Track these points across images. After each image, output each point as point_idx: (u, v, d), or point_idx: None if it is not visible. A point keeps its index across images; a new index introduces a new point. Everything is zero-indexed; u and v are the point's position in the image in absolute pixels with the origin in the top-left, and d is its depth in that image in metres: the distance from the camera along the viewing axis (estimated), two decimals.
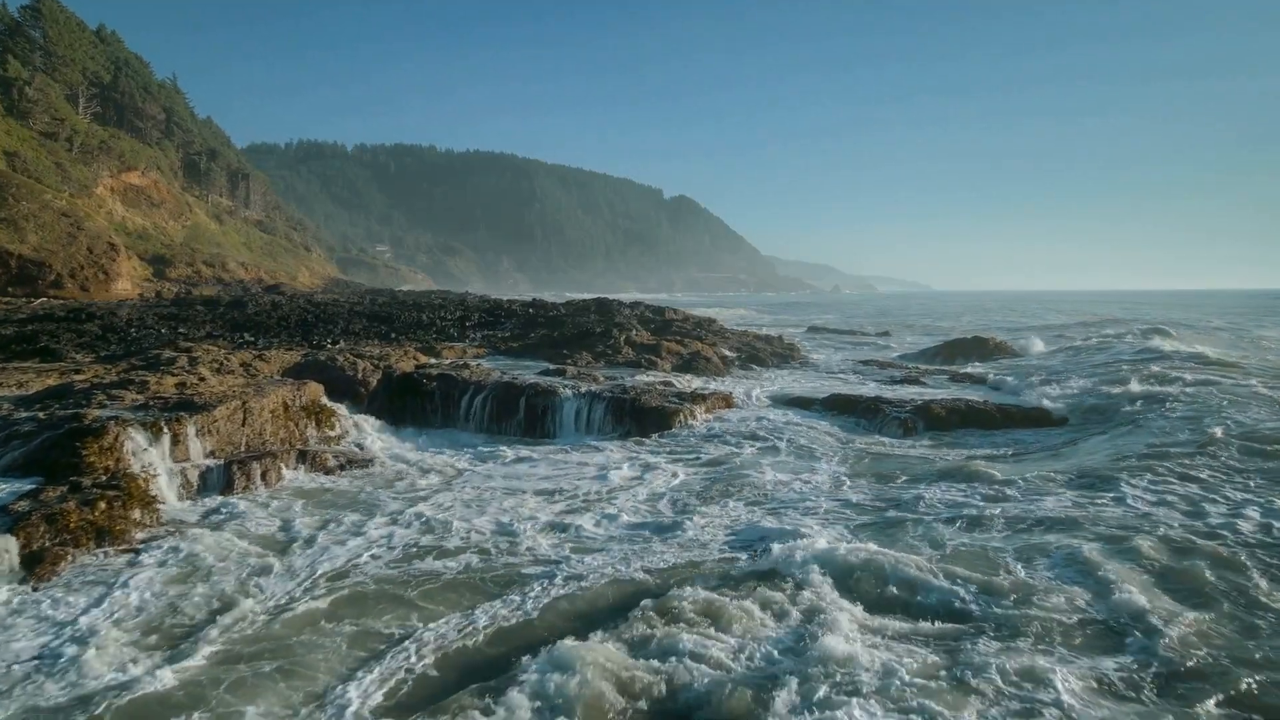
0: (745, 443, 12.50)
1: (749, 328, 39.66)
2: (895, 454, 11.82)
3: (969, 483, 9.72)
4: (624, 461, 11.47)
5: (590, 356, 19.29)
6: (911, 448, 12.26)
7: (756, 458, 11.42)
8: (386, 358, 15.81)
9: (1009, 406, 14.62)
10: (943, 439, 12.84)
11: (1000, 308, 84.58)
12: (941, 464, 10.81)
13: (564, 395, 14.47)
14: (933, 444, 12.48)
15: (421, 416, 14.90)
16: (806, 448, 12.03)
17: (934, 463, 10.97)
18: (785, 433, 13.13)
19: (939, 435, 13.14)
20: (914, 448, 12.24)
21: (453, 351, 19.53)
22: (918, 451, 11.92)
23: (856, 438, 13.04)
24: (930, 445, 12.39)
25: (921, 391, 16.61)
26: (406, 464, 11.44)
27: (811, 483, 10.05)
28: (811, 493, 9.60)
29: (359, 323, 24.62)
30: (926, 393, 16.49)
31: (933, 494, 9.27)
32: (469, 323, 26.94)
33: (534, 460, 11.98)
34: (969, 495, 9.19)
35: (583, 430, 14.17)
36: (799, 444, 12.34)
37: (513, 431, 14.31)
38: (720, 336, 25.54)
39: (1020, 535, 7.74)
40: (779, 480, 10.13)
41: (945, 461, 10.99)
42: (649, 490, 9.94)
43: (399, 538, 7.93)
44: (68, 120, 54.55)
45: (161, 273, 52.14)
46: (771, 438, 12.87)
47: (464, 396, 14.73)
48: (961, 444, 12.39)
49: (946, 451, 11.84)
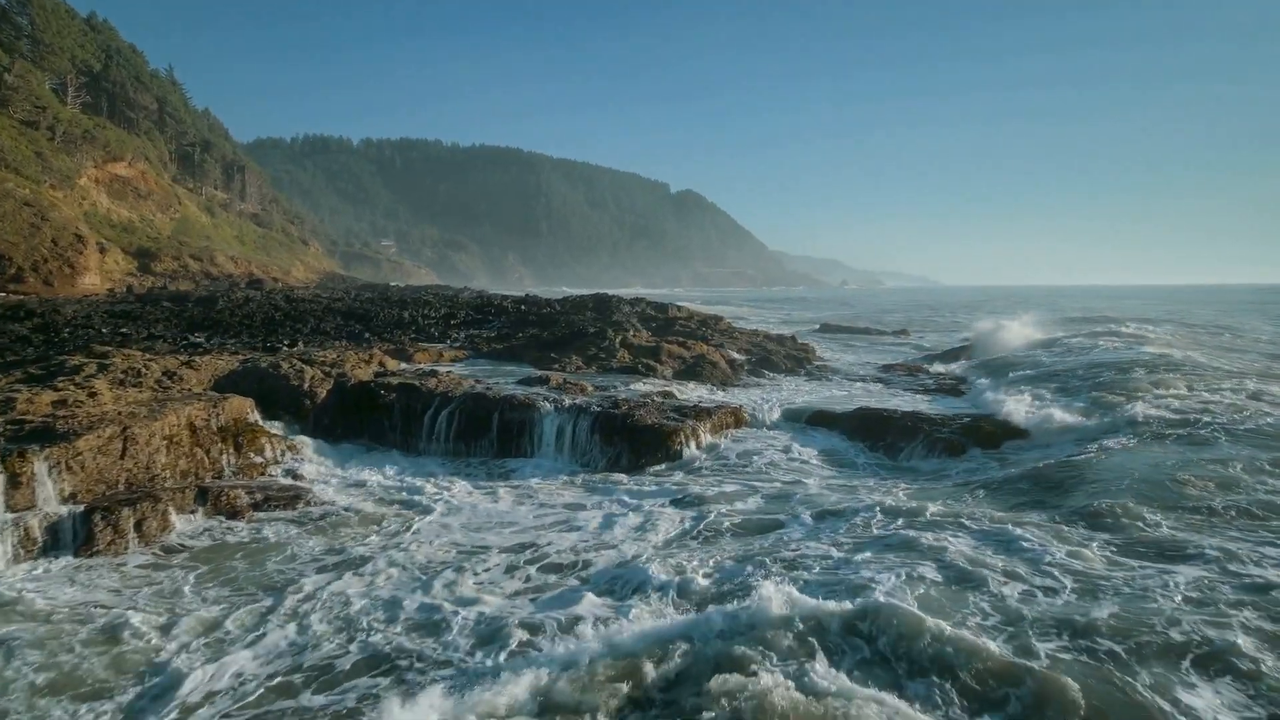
0: (759, 480, 10.27)
1: (758, 327, 37.43)
2: (949, 497, 9.56)
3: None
4: (609, 506, 9.24)
5: (581, 361, 17.09)
6: (968, 489, 9.99)
7: (778, 506, 9.13)
8: (342, 363, 13.65)
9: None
10: (1005, 468, 10.56)
11: (1013, 304, 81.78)
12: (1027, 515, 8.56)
13: (544, 410, 12.30)
14: (994, 482, 10.21)
15: (378, 434, 12.76)
16: (841, 485, 9.74)
17: (1009, 518, 8.72)
18: (811, 470, 10.89)
19: (997, 461, 10.87)
20: (971, 488, 9.97)
21: (426, 355, 17.37)
22: (977, 499, 9.67)
23: (895, 477, 10.80)
24: (992, 485, 10.12)
25: (960, 407, 14.36)
26: (345, 502, 9.26)
27: (855, 537, 7.82)
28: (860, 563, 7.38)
29: (332, 321, 22.49)
30: (966, 407, 14.23)
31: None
32: (454, 321, 24.78)
33: (502, 496, 9.80)
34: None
35: (565, 452, 12.00)
36: (827, 480, 10.09)
37: (484, 452, 12.16)
38: (728, 337, 23.29)
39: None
40: (812, 550, 7.88)
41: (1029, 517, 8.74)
42: (639, 551, 7.72)
43: (296, 652, 5.56)
44: (50, 108, 52.58)
45: (146, 266, 50.19)
46: (794, 473, 10.65)
47: (427, 411, 12.57)
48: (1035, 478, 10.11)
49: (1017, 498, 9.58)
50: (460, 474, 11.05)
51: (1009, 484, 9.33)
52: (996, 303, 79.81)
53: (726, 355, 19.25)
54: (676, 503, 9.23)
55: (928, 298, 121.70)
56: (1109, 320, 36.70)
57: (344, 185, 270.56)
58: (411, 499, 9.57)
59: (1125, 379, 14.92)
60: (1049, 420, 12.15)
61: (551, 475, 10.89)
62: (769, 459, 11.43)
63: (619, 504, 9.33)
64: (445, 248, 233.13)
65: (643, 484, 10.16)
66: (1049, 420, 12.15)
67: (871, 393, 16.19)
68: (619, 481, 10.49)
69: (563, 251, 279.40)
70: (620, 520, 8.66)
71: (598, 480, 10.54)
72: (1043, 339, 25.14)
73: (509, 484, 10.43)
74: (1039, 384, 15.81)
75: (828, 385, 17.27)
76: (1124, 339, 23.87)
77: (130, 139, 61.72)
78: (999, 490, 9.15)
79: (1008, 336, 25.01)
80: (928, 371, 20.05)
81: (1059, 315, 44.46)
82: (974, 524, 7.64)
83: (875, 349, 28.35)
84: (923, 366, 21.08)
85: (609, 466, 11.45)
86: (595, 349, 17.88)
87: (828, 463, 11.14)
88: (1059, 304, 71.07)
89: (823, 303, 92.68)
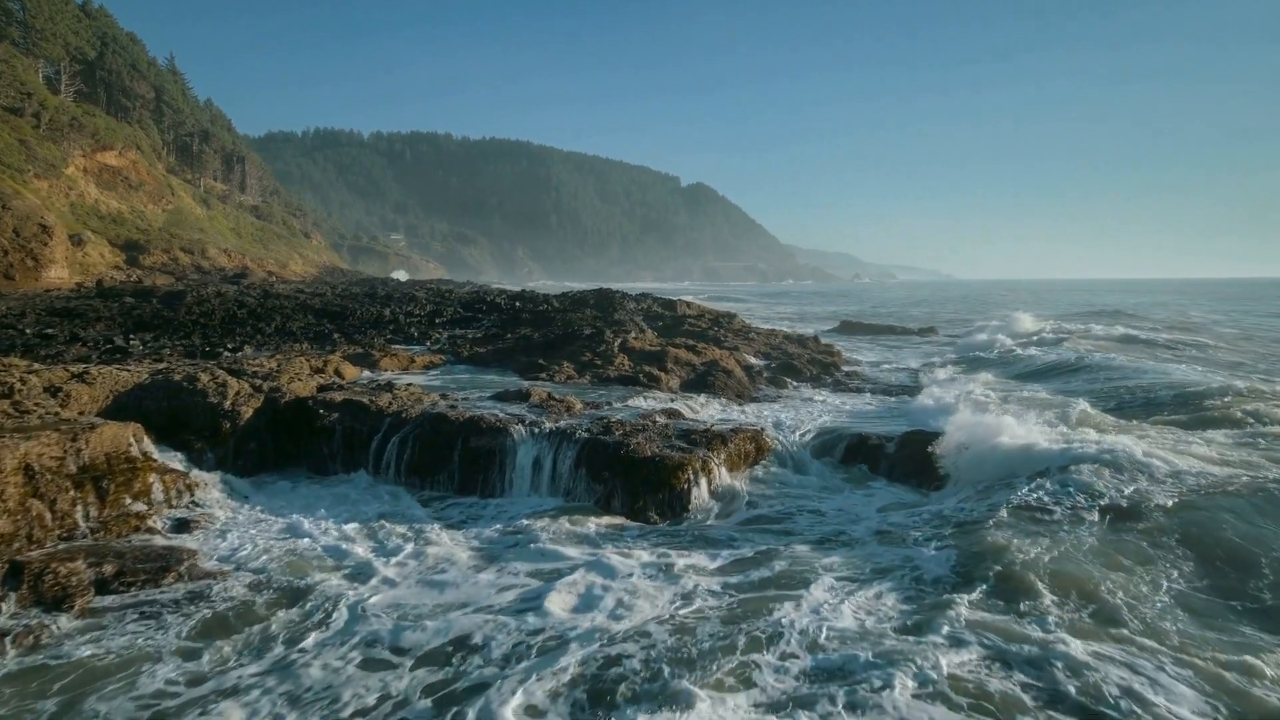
0: (794, 542, 7.81)
1: (772, 325, 34.89)
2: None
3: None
4: (583, 582, 6.78)
5: (573, 369, 14.65)
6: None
7: (829, 609, 6.60)
8: (278, 375, 11.28)
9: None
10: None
11: (1036, 299, 78.56)
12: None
13: (518, 436, 9.89)
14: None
15: (316, 462, 10.43)
16: (918, 577, 7.20)
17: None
18: (860, 521, 8.43)
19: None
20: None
21: (394, 361, 14.99)
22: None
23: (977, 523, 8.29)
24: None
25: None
26: (241, 572, 6.88)
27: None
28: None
29: (301, 320, 20.18)
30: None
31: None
32: (439, 320, 22.42)
33: (458, 556, 7.41)
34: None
35: (543, 490, 9.60)
36: (892, 570, 7.60)
37: (442, 486, 9.79)
38: (743, 338, 20.78)
39: None
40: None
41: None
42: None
43: None
44: (36, 94, 50.62)
45: (135, 259, 48.25)
46: (840, 525, 8.22)
47: (375, 435, 10.20)
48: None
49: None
50: (410, 518, 8.68)
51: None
52: (1019, 296, 76.61)
53: (742, 360, 16.76)
54: (673, 579, 6.76)
55: (945, 292, 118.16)
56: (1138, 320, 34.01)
57: (354, 179, 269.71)
58: (336, 563, 7.20)
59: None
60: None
61: (522, 523, 8.46)
62: (795, 502, 9.01)
63: (599, 574, 6.91)
64: (454, 241, 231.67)
65: (634, 547, 7.70)
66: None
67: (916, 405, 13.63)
68: (605, 533, 8.11)
69: (573, 245, 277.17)
70: (596, 607, 6.24)
71: (579, 532, 8.11)
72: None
73: (468, 534, 8.04)
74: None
75: (864, 398, 14.73)
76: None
77: (121, 127, 59.75)
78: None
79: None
80: (974, 379, 17.45)
81: (1085, 309, 41.65)
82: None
83: (905, 349, 25.76)
84: (960, 373, 18.47)
85: (598, 508, 9.06)
86: (590, 354, 15.44)
87: (882, 512, 8.64)
88: (1089, 300, 67.93)
89: (837, 297, 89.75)
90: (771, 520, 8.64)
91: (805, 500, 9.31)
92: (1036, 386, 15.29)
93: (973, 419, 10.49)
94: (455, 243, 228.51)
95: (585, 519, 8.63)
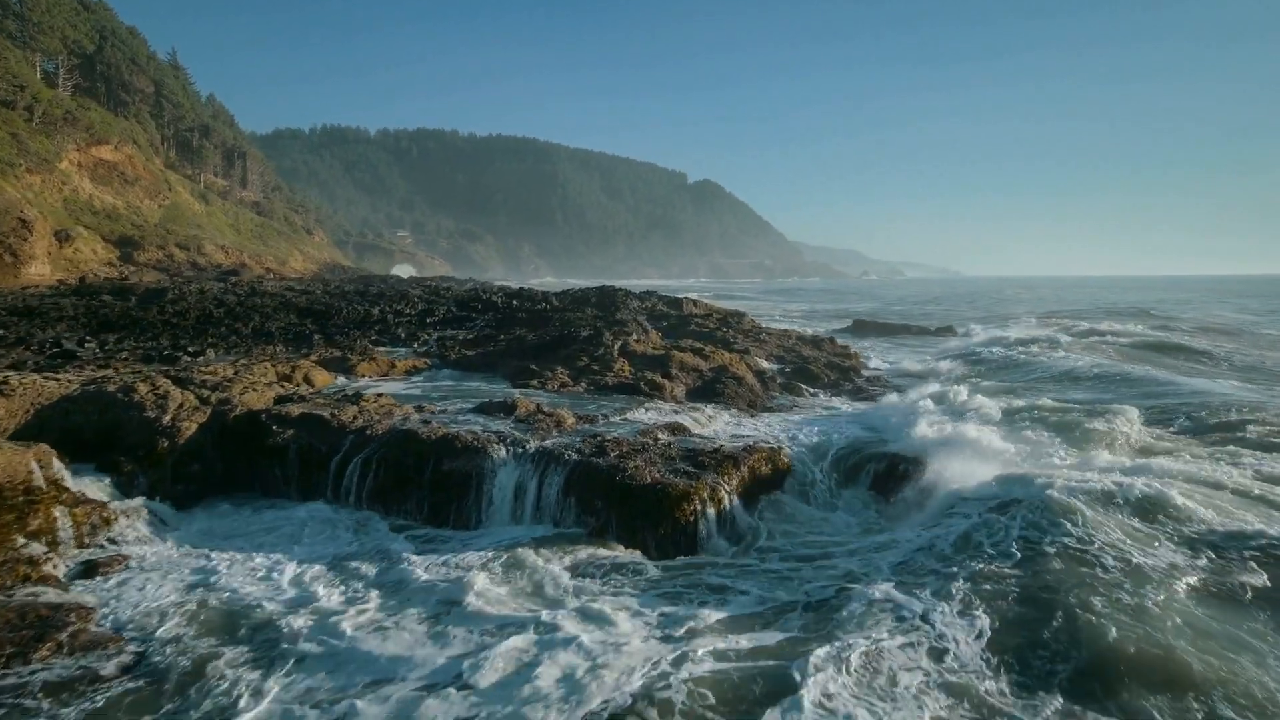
0: (816, 597, 6.46)
1: (781, 325, 33.50)
2: None
3: None
4: (561, 653, 5.43)
5: (567, 375, 13.29)
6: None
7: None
8: (229, 385, 9.96)
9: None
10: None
11: (1054, 297, 76.75)
12: None
13: (498, 458, 8.57)
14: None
15: (270, 484, 9.13)
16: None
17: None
18: (886, 569, 7.04)
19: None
20: None
21: (373, 366, 13.68)
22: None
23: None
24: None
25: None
26: (139, 642, 5.56)
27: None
28: None
29: (282, 319, 18.91)
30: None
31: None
32: (431, 319, 21.11)
33: (408, 614, 6.07)
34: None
35: (526, 518, 8.28)
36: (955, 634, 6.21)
37: (410, 514, 8.48)
38: (754, 339, 19.39)
39: None
40: None
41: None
42: None
43: None
44: (29, 87, 49.57)
45: (129, 256, 47.13)
46: (866, 568, 6.85)
47: (336, 455, 8.88)
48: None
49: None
50: (369, 555, 7.37)
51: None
52: (1036, 294, 74.72)
53: (754, 365, 15.37)
54: (673, 641, 5.41)
55: (955, 288, 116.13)
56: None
57: (361, 175, 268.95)
58: (258, 623, 5.87)
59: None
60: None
61: (500, 560, 7.12)
62: (823, 537, 7.64)
63: (581, 632, 5.58)
64: (460, 238, 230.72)
65: (621, 594, 6.37)
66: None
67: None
68: (595, 570, 6.79)
69: (578, 242, 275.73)
70: (570, 682, 4.90)
71: (562, 578, 6.77)
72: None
73: (429, 581, 6.69)
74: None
75: (890, 410, 13.28)
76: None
77: (117, 121, 58.68)
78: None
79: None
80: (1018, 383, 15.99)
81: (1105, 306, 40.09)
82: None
83: (924, 350, 24.29)
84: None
85: (590, 539, 7.73)
86: (587, 359, 14.08)
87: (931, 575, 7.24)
88: (1108, 298, 66.15)
89: (847, 294, 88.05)
90: (791, 565, 7.26)
91: (830, 538, 7.93)
92: (1080, 398, 13.79)
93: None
94: (461, 239, 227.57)
95: (579, 545, 7.35)
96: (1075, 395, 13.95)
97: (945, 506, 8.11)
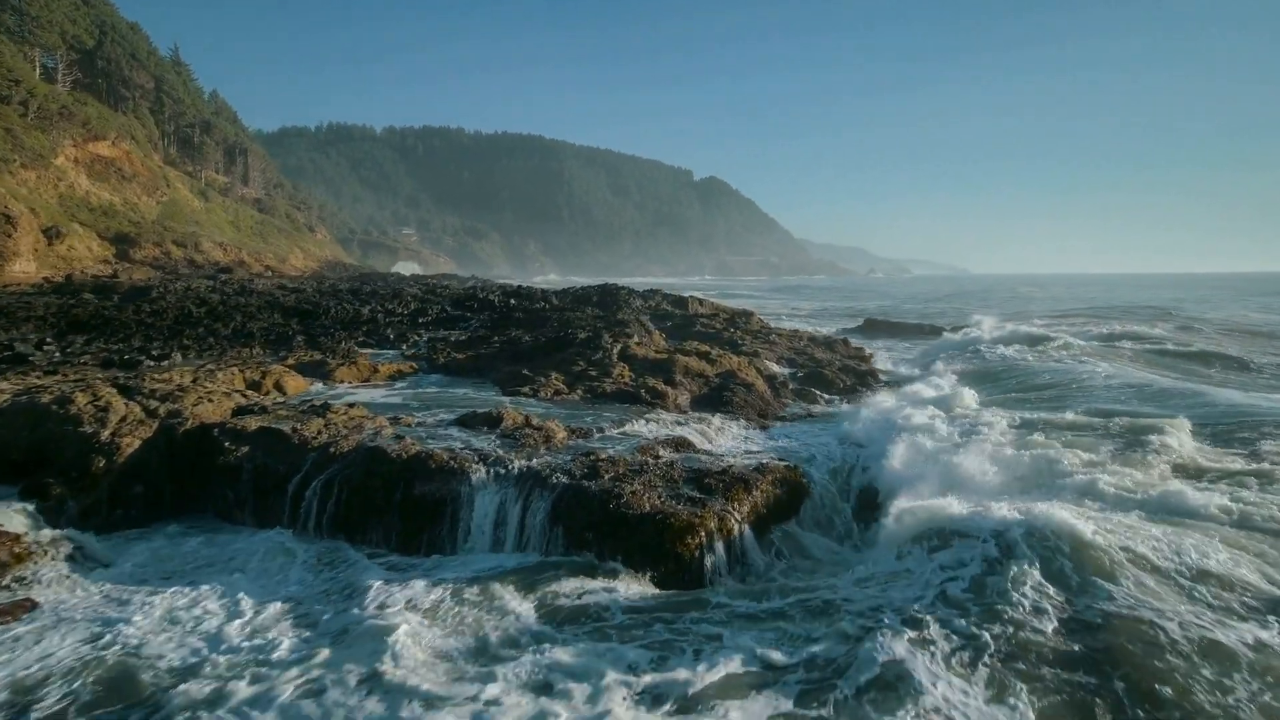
0: (841, 664, 5.32)
1: (788, 323, 32.49)
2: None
3: None
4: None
5: (562, 381, 12.26)
6: None
7: None
8: (182, 394, 8.97)
9: None
10: None
11: (1069, 295, 75.33)
12: None
13: (476, 480, 7.55)
14: None
15: (222, 507, 8.13)
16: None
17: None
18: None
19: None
20: None
21: (353, 370, 12.68)
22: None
23: None
24: None
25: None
26: (9, 708, 4.58)
27: None
28: None
29: (265, 319, 17.95)
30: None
31: None
32: (423, 319, 20.12)
33: (346, 671, 5.03)
34: None
35: (508, 547, 7.26)
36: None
37: (379, 542, 7.47)
38: (763, 340, 18.32)
39: None
40: None
41: None
42: None
43: None
44: (24, 81, 48.82)
45: (125, 253, 46.37)
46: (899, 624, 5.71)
47: (296, 476, 7.88)
48: None
49: None
50: (323, 595, 6.38)
51: None
52: (1052, 291, 73.22)
53: (764, 369, 14.32)
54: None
55: (964, 286, 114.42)
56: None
57: (367, 173, 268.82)
58: (174, 689, 4.87)
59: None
60: None
61: (462, 599, 6.09)
62: (849, 582, 6.54)
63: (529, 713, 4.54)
64: (466, 236, 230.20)
65: (608, 654, 5.32)
66: None
67: (983, 432, 11.08)
68: (575, 615, 5.76)
69: (584, 240, 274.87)
70: None
71: (530, 624, 5.73)
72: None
73: (384, 625, 5.65)
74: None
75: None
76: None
77: (114, 117, 57.93)
78: None
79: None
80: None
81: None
82: None
83: (940, 352, 23.11)
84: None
85: (578, 571, 6.70)
86: (584, 363, 13.04)
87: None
88: (1125, 297, 64.81)
89: (855, 292, 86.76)
90: (804, 612, 6.16)
91: (856, 583, 6.82)
92: (1114, 409, 12.58)
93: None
94: (467, 237, 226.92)
95: (548, 587, 6.31)
96: (1109, 406, 12.64)
97: (947, 547, 6.89)
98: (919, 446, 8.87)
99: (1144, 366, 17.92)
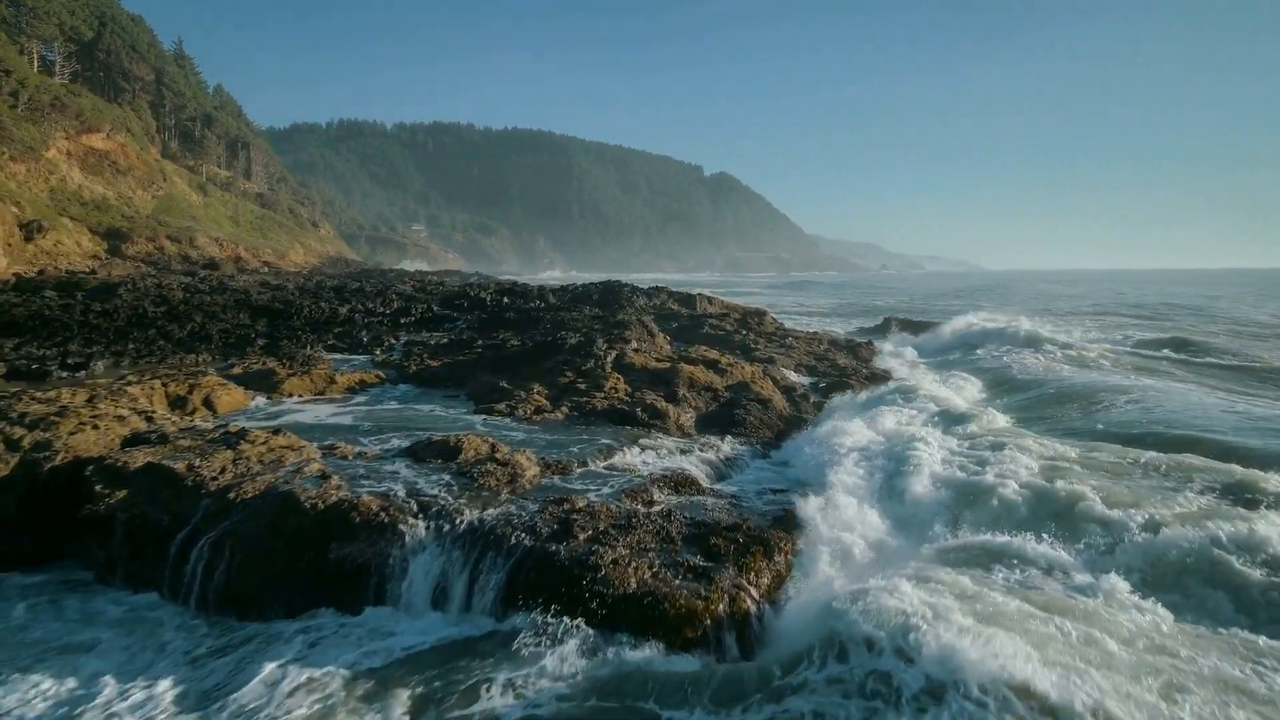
0: None
1: (800, 322, 30.58)
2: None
3: None
4: None
5: (545, 395, 10.45)
6: None
7: None
8: (58, 420, 7.23)
9: None
10: None
11: (1092, 292, 72.77)
12: None
13: (411, 539, 5.76)
14: None
15: (96, 560, 6.39)
16: None
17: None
18: None
19: None
20: None
21: (305, 382, 10.93)
22: None
23: None
24: None
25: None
26: None
27: None
28: None
29: (229, 319, 16.27)
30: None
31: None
32: (406, 320, 18.38)
33: None
34: None
35: (454, 618, 5.47)
36: None
37: (283, 615, 5.68)
38: (778, 344, 16.45)
39: None
40: None
41: None
42: None
43: None
44: (15, 71, 47.54)
45: (117, 249, 45.07)
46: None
47: (181, 532, 6.10)
48: None
49: None
50: (191, 705, 4.61)
51: None
52: (1076, 289, 70.66)
53: (781, 380, 12.46)
54: None
55: (978, 282, 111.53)
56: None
57: (376, 169, 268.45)
58: None
59: None
60: None
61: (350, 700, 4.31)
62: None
63: None
64: (475, 232, 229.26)
65: None
66: None
67: (1040, 459, 9.15)
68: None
69: (594, 236, 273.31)
70: None
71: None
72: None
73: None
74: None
75: (960, 448, 10.29)
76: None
77: (110, 109, 56.61)
78: None
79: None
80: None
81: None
82: None
83: (967, 360, 21.15)
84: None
85: (538, 644, 4.91)
86: (572, 373, 11.22)
87: None
88: (1141, 296, 62.31)
89: (869, 289, 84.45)
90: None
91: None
92: (1172, 435, 10.62)
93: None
94: (476, 233, 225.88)
95: (490, 678, 4.49)
96: (1170, 431, 10.50)
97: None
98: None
99: (1207, 377, 15.88)
